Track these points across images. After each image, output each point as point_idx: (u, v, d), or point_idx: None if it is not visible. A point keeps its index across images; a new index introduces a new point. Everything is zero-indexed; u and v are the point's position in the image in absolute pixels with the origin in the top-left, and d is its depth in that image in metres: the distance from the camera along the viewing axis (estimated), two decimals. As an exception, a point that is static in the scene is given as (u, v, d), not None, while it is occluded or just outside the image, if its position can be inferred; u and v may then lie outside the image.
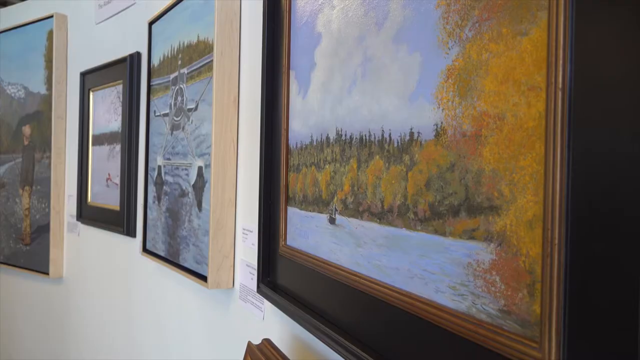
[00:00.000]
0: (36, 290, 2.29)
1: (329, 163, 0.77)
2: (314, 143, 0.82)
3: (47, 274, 2.13)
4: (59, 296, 2.19)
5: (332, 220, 0.77)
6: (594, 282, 0.38)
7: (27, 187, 2.25)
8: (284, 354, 0.78)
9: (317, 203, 0.81)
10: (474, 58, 0.50)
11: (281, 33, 0.96)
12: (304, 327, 0.82)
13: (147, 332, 1.66)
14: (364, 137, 0.68)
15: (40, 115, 2.20)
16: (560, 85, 0.40)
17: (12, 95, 2.33)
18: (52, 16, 2.13)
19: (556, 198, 0.40)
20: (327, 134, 0.78)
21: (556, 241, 0.40)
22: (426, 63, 0.57)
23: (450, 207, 0.52)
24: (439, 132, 0.54)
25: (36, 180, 2.21)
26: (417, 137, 0.58)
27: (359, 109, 0.70)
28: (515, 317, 0.45)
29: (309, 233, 0.84)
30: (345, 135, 0.73)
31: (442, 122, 0.54)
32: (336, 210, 0.75)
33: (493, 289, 0.47)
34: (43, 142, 2.18)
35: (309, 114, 0.84)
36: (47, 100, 2.16)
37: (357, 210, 0.70)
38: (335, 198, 0.76)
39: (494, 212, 0.47)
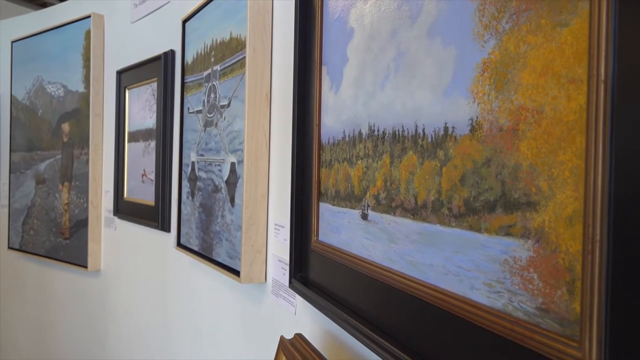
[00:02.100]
0: (75, 282, 2.36)
1: (362, 159, 0.77)
2: (346, 138, 0.82)
3: (86, 267, 2.20)
4: (96, 289, 2.25)
5: (364, 216, 0.76)
6: (637, 279, 0.37)
7: (66, 183, 2.32)
8: (316, 349, 0.78)
9: (349, 199, 0.81)
10: (511, 51, 0.49)
11: (313, 29, 0.96)
12: (336, 322, 0.82)
13: (181, 325, 1.69)
14: (397, 133, 0.68)
15: (78, 113, 2.26)
16: (602, 77, 0.39)
17: (52, 93, 2.40)
18: (89, 16, 2.19)
19: (597, 193, 0.39)
20: (360, 130, 0.78)
21: (597, 238, 0.39)
22: (461, 56, 0.56)
23: (486, 203, 0.51)
24: (475, 127, 0.53)
25: (75, 176, 2.28)
26: (452, 131, 0.57)
27: (392, 104, 0.69)
28: (553, 315, 0.44)
29: (341, 229, 0.84)
30: (378, 130, 0.72)
31: (477, 117, 0.53)
32: (369, 206, 0.75)
33: (530, 286, 0.46)
34: (81, 139, 2.24)
35: (341, 110, 0.84)
36: (85, 98, 2.22)
37: (390, 206, 0.69)
38: (368, 194, 0.75)
39: (531, 208, 0.46)
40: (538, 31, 0.46)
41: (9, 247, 2.60)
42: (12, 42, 2.59)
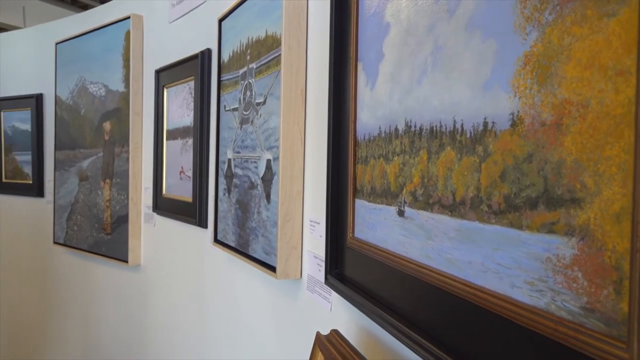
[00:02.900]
0: (117, 276, 2.43)
1: (398, 155, 0.77)
2: (382, 135, 0.81)
3: (127, 261, 2.26)
4: (137, 283, 2.32)
5: (401, 213, 0.76)
6: (691, 280, 0.36)
7: (107, 180, 2.39)
8: (352, 345, 0.78)
9: (386, 195, 0.80)
10: (555, 43, 0.47)
11: (349, 25, 0.96)
12: (372, 319, 0.82)
13: (218, 319, 1.72)
14: (434, 128, 0.67)
15: (119, 112, 2.32)
16: (652, 69, 0.37)
17: (94, 93, 2.47)
18: (129, 17, 2.24)
19: (647, 190, 0.38)
20: (396, 126, 0.77)
21: (647, 236, 0.38)
22: (501, 50, 0.55)
23: (528, 199, 0.50)
24: (516, 122, 0.52)
25: (116, 173, 2.34)
26: (492, 127, 0.56)
27: (429, 99, 0.68)
28: (599, 315, 0.43)
29: (377, 225, 0.84)
30: (415, 126, 0.72)
31: (518, 111, 0.52)
32: (405, 202, 0.74)
33: (575, 285, 0.45)
34: (122, 137, 2.30)
35: (377, 106, 0.84)
36: (125, 97, 2.28)
37: (427, 202, 0.69)
38: (404, 190, 0.75)
39: (575, 205, 0.45)
40: (583, 22, 0.44)
41: (55, 242, 2.69)
42: (56, 44, 2.68)
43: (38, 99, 2.88)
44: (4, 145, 3.08)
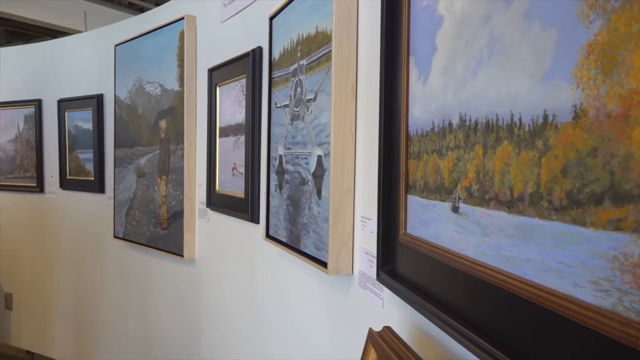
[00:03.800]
0: (173, 270, 2.51)
1: (452, 150, 0.75)
2: (436, 129, 0.80)
3: (182, 256, 2.33)
4: (192, 276, 2.39)
5: (455, 209, 0.74)
6: None
7: (163, 176, 2.47)
8: (405, 342, 0.78)
9: (439, 191, 0.79)
10: (622, 30, 0.45)
11: (400, 19, 0.95)
12: (425, 316, 0.81)
13: (269, 314, 1.75)
14: (490, 122, 0.65)
15: (174, 110, 2.40)
16: None
17: (150, 92, 2.56)
18: (183, 18, 2.31)
19: None
20: (450, 120, 0.76)
21: None
22: (563, 39, 0.52)
23: (592, 195, 0.48)
24: (578, 114, 0.50)
25: (171, 169, 2.42)
26: (552, 119, 0.54)
27: (484, 92, 0.67)
28: (672, 317, 0.40)
29: (430, 221, 0.83)
30: (470, 120, 0.70)
31: (581, 103, 0.49)
32: (460, 198, 0.73)
33: (644, 285, 0.43)
34: (177, 135, 2.37)
35: (429, 100, 0.82)
36: (179, 96, 2.34)
37: (483, 198, 0.67)
38: (459, 186, 0.73)
39: (645, 201, 0.42)
40: (654, 7, 0.42)
41: (115, 236, 2.81)
42: (115, 46, 2.79)
43: (99, 99, 3.01)
44: (68, 144, 3.24)
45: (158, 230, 2.51)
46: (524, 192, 0.58)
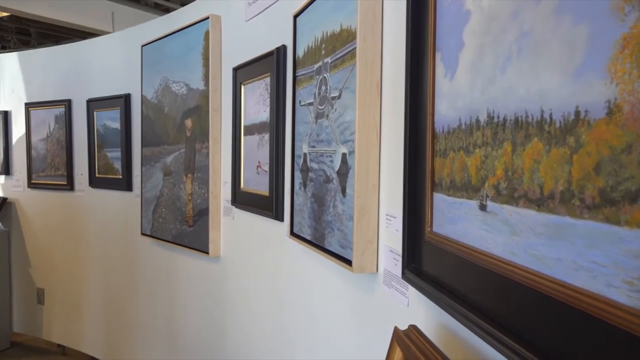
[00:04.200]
0: (199, 267, 2.54)
1: (479, 147, 0.74)
2: (463, 126, 0.79)
3: (207, 253, 2.36)
4: (217, 273, 2.41)
5: (482, 207, 0.73)
6: None
7: (189, 175, 2.50)
8: (431, 341, 0.77)
9: (466, 189, 0.78)
10: (658, 23, 0.43)
11: (426, 15, 0.94)
12: (452, 315, 0.80)
13: (294, 311, 1.75)
14: (519, 119, 0.64)
15: (199, 109, 2.42)
16: None
17: (176, 92, 2.59)
18: (207, 18, 2.33)
19: None
20: (477, 117, 0.74)
21: None
22: (595, 33, 0.51)
23: (627, 193, 0.47)
24: (612, 110, 0.48)
25: (197, 168, 2.45)
26: (584, 116, 0.52)
27: (513, 89, 0.65)
28: None
29: (457, 220, 0.82)
30: (498, 117, 0.69)
31: (616, 99, 0.48)
32: (487, 196, 0.72)
33: (682, 286, 0.41)
34: (202, 134, 2.40)
35: (456, 96, 0.81)
36: (205, 95, 2.37)
37: (511, 196, 0.66)
38: (487, 184, 0.72)
39: (683, 199, 0.41)
40: (693, -1, 0.40)
41: (142, 233, 2.86)
42: (142, 46, 2.83)
43: (126, 98, 3.06)
44: (97, 143, 3.31)
45: (184, 227, 2.54)
46: (554, 190, 0.57)
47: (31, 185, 3.75)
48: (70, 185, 3.53)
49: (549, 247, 0.58)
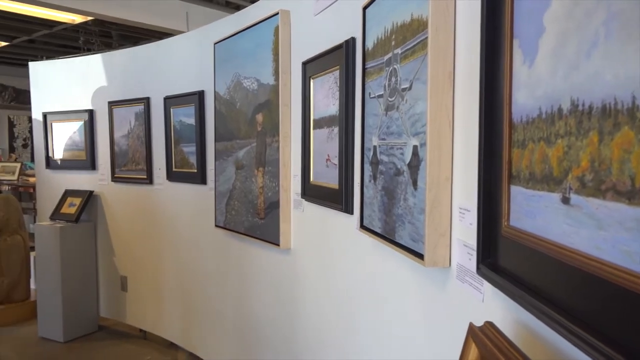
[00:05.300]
0: (270, 259, 2.61)
1: (562, 137, 0.70)
2: (543, 116, 0.76)
3: (278, 245, 2.41)
4: (287, 265, 2.46)
5: (565, 200, 0.70)
6: None
7: (260, 168, 2.56)
8: (509, 339, 0.75)
9: (547, 181, 0.75)
10: None
11: (503, 1, 0.90)
12: (531, 312, 0.77)
13: (363, 306, 1.76)
14: (607, 106, 0.60)
15: (270, 104, 2.47)
16: None
17: (247, 87, 2.66)
18: (277, 13, 2.36)
19: None
20: (560, 105, 0.71)
21: None
22: (697, 11, 0.47)
23: None
24: None
25: (268, 162, 2.50)
26: (683, 102, 0.48)
27: (600, 75, 0.62)
28: None
29: (537, 213, 0.78)
30: (583, 105, 0.65)
31: None
32: (571, 189, 0.68)
33: None
34: (272, 128, 2.44)
35: (536, 85, 0.78)
36: (275, 90, 2.41)
37: (598, 189, 0.62)
38: (570, 176, 0.69)
39: None
40: None
41: (216, 225, 2.97)
42: (215, 44, 2.93)
43: (200, 95, 3.18)
44: (174, 138, 3.46)
45: (256, 220, 2.61)
46: (647, 182, 0.53)
47: (114, 179, 3.98)
48: (149, 179, 3.72)
49: (640, 243, 0.55)
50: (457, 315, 1.17)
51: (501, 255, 0.92)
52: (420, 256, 1.22)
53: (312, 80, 2.15)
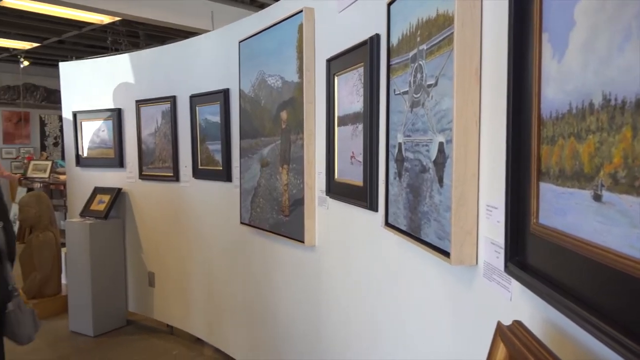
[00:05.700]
0: (294, 255, 2.62)
1: (593, 133, 0.69)
2: (573, 111, 0.74)
3: (303, 242, 2.41)
4: (312, 262, 2.46)
5: (597, 197, 0.68)
6: None
7: (285, 166, 2.58)
8: (538, 338, 0.73)
9: (577, 178, 0.73)
10: None
11: (531, -7, 0.88)
12: (561, 311, 0.76)
13: (387, 303, 1.75)
14: (641, 101, 0.59)
15: (294, 102, 2.48)
16: None
17: (272, 85, 2.67)
18: (301, 11, 2.36)
19: None
20: (591, 100, 0.69)
21: None
22: None
23: None
24: None
25: (292, 159, 2.51)
26: None
27: (633, 68, 0.60)
28: None
29: (567, 211, 0.77)
30: (616, 99, 0.63)
31: None
32: (602, 185, 0.67)
33: None
34: (297, 125, 2.45)
35: (566, 79, 0.76)
36: (299, 87, 2.41)
37: (631, 185, 0.61)
38: (601, 172, 0.67)
39: None
40: None
41: (241, 222, 3.00)
42: (239, 42, 2.95)
43: (225, 93, 3.21)
44: (199, 136, 3.50)
45: (280, 217, 2.62)
46: (684, 179, 0.52)
47: (142, 176, 4.05)
48: (176, 177, 3.77)
49: (677, 242, 0.53)
50: (485, 314, 1.16)
51: (530, 253, 0.91)
52: (446, 254, 1.21)
53: (336, 77, 2.15)
